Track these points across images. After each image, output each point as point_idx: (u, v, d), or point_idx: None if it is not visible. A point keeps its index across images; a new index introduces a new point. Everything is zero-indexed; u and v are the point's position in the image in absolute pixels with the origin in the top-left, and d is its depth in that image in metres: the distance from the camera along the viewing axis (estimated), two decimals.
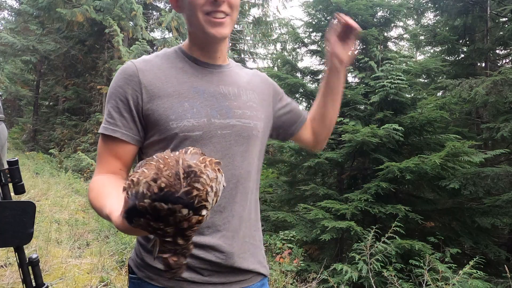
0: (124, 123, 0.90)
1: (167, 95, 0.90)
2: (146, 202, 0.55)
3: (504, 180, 5.14)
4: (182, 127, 0.88)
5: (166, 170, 0.58)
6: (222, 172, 0.66)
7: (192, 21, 0.92)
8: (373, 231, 4.31)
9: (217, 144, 0.91)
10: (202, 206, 0.59)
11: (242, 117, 0.95)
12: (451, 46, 7.86)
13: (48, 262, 3.33)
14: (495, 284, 4.41)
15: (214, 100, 0.93)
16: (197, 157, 0.65)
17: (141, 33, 10.64)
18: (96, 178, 0.91)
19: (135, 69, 0.91)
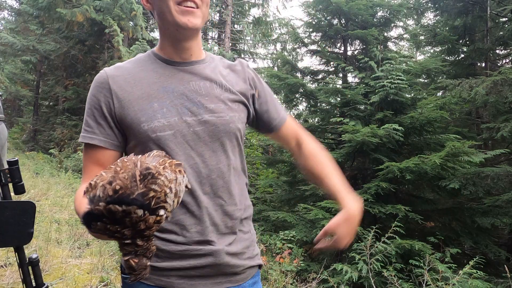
0: (101, 130, 0.91)
1: (137, 98, 0.91)
2: (101, 205, 0.56)
3: (504, 180, 5.14)
4: (153, 127, 0.88)
5: (123, 172, 0.59)
6: (184, 173, 0.67)
7: (163, 14, 0.91)
8: (373, 231, 4.31)
9: (191, 141, 0.91)
10: (160, 206, 0.59)
11: (215, 111, 0.94)
12: (451, 46, 7.86)
13: (48, 262, 3.33)
14: (495, 284, 4.41)
15: (185, 97, 0.93)
16: (158, 159, 0.66)
17: (141, 33, 10.64)
18: (81, 188, 0.89)
19: (105, 76, 0.93)
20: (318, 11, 7.56)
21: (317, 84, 8.07)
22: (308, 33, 8.09)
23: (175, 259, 0.91)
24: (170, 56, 0.97)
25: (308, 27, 7.93)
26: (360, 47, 7.79)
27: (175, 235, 0.91)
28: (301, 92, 7.28)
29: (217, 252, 0.92)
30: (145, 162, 0.62)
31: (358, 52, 7.53)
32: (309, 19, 7.82)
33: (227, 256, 0.94)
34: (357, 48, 7.88)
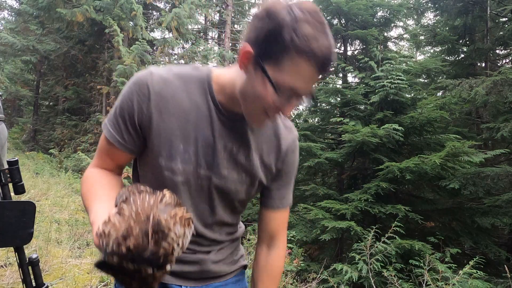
0: (126, 135, 0.89)
1: (168, 130, 0.87)
2: (115, 260, 0.59)
3: (504, 180, 5.14)
4: (168, 167, 0.88)
5: (136, 227, 0.61)
6: (191, 226, 0.69)
7: (248, 102, 0.82)
8: (373, 231, 4.31)
9: (194, 192, 0.92)
10: (168, 261, 0.63)
11: (225, 178, 0.92)
12: (451, 46, 7.86)
13: (48, 262, 3.33)
14: (495, 284, 4.41)
15: (210, 150, 0.89)
16: (169, 210, 0.67)
17: (141, 33, 10.64)
18: (90, 171, 0.94)
19: (149, 89, 0.85)
20: None
21: (317, 84, 8.07)
22: None
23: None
24: (223, 100, 0.89)
25: None
26: (360, 47, 7.79)
27: None
28: None
29: (203, 260, 0.98)
30: (157, 215, 0.63)
31: (358, 52, 7.54)
32: None
33: (211, 264, 1.00)
34: (357, 48, 7.88)
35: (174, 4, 12.07)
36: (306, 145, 6.09)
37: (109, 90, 10.84)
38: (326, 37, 0.74)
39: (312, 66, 0.74)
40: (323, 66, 0.75)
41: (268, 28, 0.74)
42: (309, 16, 0.73)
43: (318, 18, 0.74)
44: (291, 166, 1.02)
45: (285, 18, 0.72)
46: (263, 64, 0.76)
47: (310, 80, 0.77)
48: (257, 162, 0.95)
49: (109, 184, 0.90)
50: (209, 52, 12.49)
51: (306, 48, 0.71)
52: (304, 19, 0.72)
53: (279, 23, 0.72)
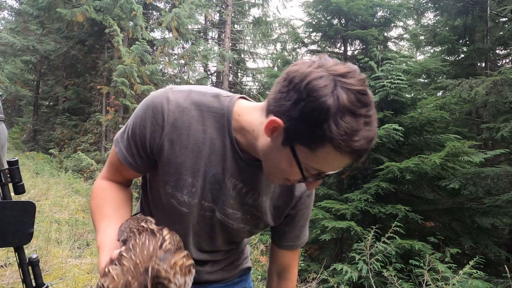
0: (137, 157, 0.87)
1: (178, 162, 0.84)
2: None
3: (504, 180, 5.14)
4: (175, 196, 0.86)
5: (135, 282, 0.61)
6: (192, 273, 0.68)
7: (269, 166, 0.79)
8: (373, 231, 4.31)
9: (196, 225, 0.91)
10: None
11: (228, 216, 0.90)
12: (451, 46, 7.86)
13: (48, 262, 3.33)
14: (495, 284, 4.41)
15: (217, 187, 0.86)
16: (169, 258, 0.65)
17: (141, 33, 10.64)
18: (100, 184, 0.94)
19: (164, 118, 0.81)
20: (318, 11, 7.56)
21: None
22: (308, 33, 8.10)
23: None
24: (241, 140, 0.84)
25: (308, 27, 7.94)
26: (360, 47, 7.80)
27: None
28: None
29: (198, 272, 0.95)
30: (155, 267, 0.62)
31: (358, 52, 7.54)
32: (309, 19, 7.82)
33: (206, 274, 1.00)
34: (357, 48, 7.89)
35: (174, 4, 12.06)
36: None
37: (109, 90, 10.83)
38: (370, 127, 0.68)
39: (348, 158, 0.70)
40: (359, 157, 0.70)
41: (306, 109, 0.66)
42: (355, 101, 0.65)
43: (364, 101, 0.66)
44: (306, 209, 0.97)
45: (328, 104, 0.64)
46: (294, 143, 0.70)
47: (341, 167, 0.74)
48: (266, 205, 0.91)
49: (117, 201, 0.91)
50: (209, 52, 12.48)
51: (345, 147, 0.66)
52: (349, 107, 0.64)
53: (320, 109, 0.64)
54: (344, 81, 0.65)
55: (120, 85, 9.99)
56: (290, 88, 0.69)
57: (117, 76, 9.99)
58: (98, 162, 10.28)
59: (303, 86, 0.66)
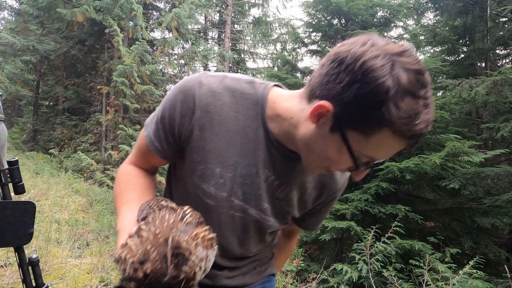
0: (164, 143, 0.84)
1: (207, 149, 0.79)
2: (132, 286, 0.55)
3: (504, 180, 5.14)
4: (201, 187, 0.81)
5: (154, 251, 0.57)
6: (214, 247, 0.64)
7: (312, 156, 0.73)
8: (373, 231, 4.31)
9: (223, 223, 0.85)
10: (189, 286, 0.58)
11: (263, 210, 0.84)
12: (451, 46, 7.86)
13: (48, 262, 3.33)
14: (495, 284, 4.41)
15: (249, 181, 0.80)
16: (191, 229, 0.61)
17: (141, 33, 10.64)
18: (126, 169, 0.91)
19: (195, 102, 0.77)
20: (318, 11, 7.56)
21: None
22: (308, 33, 8.09)
23: None
24: (275, 130, 0.78)
25: (308, 27, 7.94)
26: None
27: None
28: None
29: (215, 276, 0.92)
30: (176, 238, 0.58)
31: None
32: (309, 19, 7.82)
33: (225, 279, 0.94)
34: None
35: (174, 4, 12.06)
36: None
37: (109, 90, 10.83)
38: (429, 109, 0.62)
39: (405, 143, 0.65)
40: (416, 142, 0.65)
41: (361, 92, 0.60)
42: (415, 82, 0.60)
43: (423, 81, 0.61)
44: (332, 202, 0.96)
45: (386, 86, 0.59)
46: (345, 129, 0.65)
47: (395, 153, 0.68)
48: (295, 199, 0.87)
49: (141, 187, 0.87)
50: (209, 52, 12.49)
51: (405, 131, 0.61)
52: (409, 89, 0.60)
53: (378, 90, 0.59)
54: (402, 60, 0.61)
55: (120, 85, 10.00)
56: (341, 70, 0.63)
57: (117, 76, 9.99)
58: (98, 162, 10.28)
59: (357, 66, 0.61)
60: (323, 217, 1.01)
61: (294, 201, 0.87)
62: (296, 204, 0.88)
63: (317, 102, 0.66)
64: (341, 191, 0.95)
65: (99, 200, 6.56)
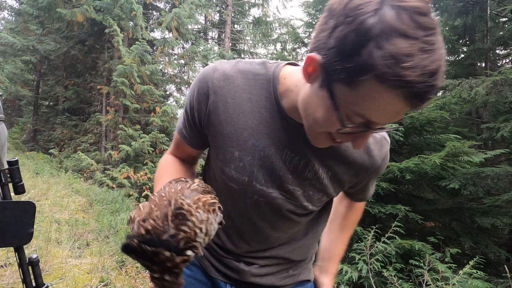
0: (189, 130, 0.87)
1: (224, 132, 0.79)
2: (135, 242, 0.58)
3: (504, 180, 5.14)
4: (224, 171, 0.82)
5: (157, 211, 0.62)
6: (217, 212, 0.66)
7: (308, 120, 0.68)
8: (373, 231, 4.31)
9: (249, 206, 0.84)
10: (189, 247, 0.61)
11: (289, 193, 0.81)
12: (451, 46, 7.86)
13: (48, 262, 3.33)
14: (495, 284, 4.41)
15: (269, 163, 0.78)
16: (194, 195, 0.65)
17: (141, 33, 10.65)
18: (166, 158, 0.96)
19: (209, 87, 0.79)
20: (318, 11, 7.57)
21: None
22: (308, 33, 8.10)
23: (212, 255, 0.97)
24: (288, 106, 0.76)
25: (308, 27, 7.95)
26: None
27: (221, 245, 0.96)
28: None
29: (242, 271, 0.93)
30: (179, 200, 0.63)
31: None
32: (309, 19, 7.83)
33: (251, 276, 0.93)
34: None
35: (174, 4, 12.06)
36: None
37: (109, 90, 10.83)
38: (429, 56, 0.51)
39: (400, 98, 0.53)
40: (418, 97, 0.53)
41: (343, 34, 0.54)
42: (409, 21, 0.51)
43: (422, 22, 0.51)
44: (374, 178, 0.91)
45: (369, 24, 0.51)
46: (332, 82, 0.58)
47: (395, 114, 0.57)
48: (327, 178, 0.81)
49: (177, 172, 0.90)
50: (209, 52, 12.49)
51: (392, 75, 0.51)
52: (398, 28, 0.50)
53: (359, 31, 0.52)
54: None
55: (120, 85, 10.00)
56: (329, 16, 0.57)
57: (117, 76, 10.00)
58: (98, 162, 10.28)
59: (342, 7, 0.55)
60: (369, 189, 0.96)
61: (325, 180, 0.81)
62: (329, 182, 0.82)
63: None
64: (382, 168, 0.86)
65: (99, 200, 6.56)
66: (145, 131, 10.80)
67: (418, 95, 0.53)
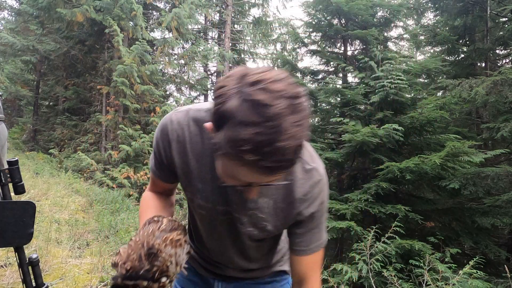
0: (160, 169, 1.00)
1: (187, 171, 0.94)
2: (119, 281, 0.75)
3: (504, 180, 5.14)
4: (193, 200, 0.97)
5: (133, 253, 0.77)
6: (183, 246, 0.83)
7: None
8: (373, 231, 4.31)
9: (219, 226, 0.98)
10: (163, 276, 0.77)
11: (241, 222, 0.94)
12: (451, 46, 7.86)
13: (48, 262, 3.33)
14: (495, 284, 4.41)
15: (224, 190, 0.91)
16: (163, 235, 0.81)
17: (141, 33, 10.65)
18: (146, 194, 1.10)
19: (169, 137, 0.93)
20: (318, 11, 7.56)
21: (317, 84, 8.07)
22: (308, 33, 8.10)
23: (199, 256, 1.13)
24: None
25: (308, 27, 7.94)
26: (360, 47, 7.80)
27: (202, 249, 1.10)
28: None
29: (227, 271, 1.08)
30: (150, 242, 0.79)
31: (358, 52, 7.54)
32: (309, 19, 7.82)
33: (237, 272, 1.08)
34: (357, 48, 7.89)
35: (174, 4, 12.06)
36: None
37: (109, 90, 10.84)
38: (269, 137, 0.61)
39: (248, 171, 0.66)
40: (264, 173, 0.65)
41: (212, 115, 0.68)
42: (249, 111, 0.62)
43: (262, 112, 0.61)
44: (314, 213, 0.93)
45: (225, 110, 0.64)
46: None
47: (258, 179, 0.69)
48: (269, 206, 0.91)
49: (156, 206, 1.05)
50: (209, 52, 12.49)
51: (234, 157, 0.65)
52: (239, 117, 0.62)
53: (218, 116, 0.66)
54: (247, 90, 0.63)
55: (120, 85, 10.00)
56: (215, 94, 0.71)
57: (117, 76, 10.00)
58: (98, 162, 10.28)
59: (216, 89, 0.68)
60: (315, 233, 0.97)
61: (268, 209, 0.91)
62: (275, 211, 0.91)
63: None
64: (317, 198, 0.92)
65: (99, 200, 6.56)
66: (145, 131, 10.80)
67: (262, 171, 0.65)
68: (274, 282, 1.11)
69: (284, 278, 1.12)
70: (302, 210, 0.92)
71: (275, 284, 1.11)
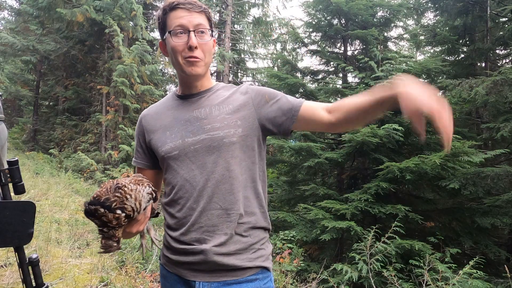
0: (139, 156, 1.26)
1: (157, 130, 1.20)
2: (86, 205, 0.94)
3: (504, 180, 5.13)
4: (165, 150, 1.15)
5: (103, 188, 0.97)
6: (145, 185, 1.03)
7: (174, 64, 1.16)
8: (373, 231, 4.31)
9: (192, 157, 1.12)
10: (119, 207, 0.93)
11: (211, 130, 1.12)
12: (451, 46, 7.85)
13: (48, 262, 3.33)
14: (495, 284, 4.41)
15: (188, 123, 1.15)
16: (128, 178, 1.03)
17: (141, 33, 10.65)
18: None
19: (141, 117, 1.27)
20: (318, 11, 7.56)
21: (317, 84, 8.07)
22: (308, 33, 8.09)
23: (180, 254, 1.13)
24: (183, 92, 1.22)
25: (308, 27, 7.93)
26: (360, 47, 7.79)
27: (182, 235, 1.12)
28: (301, 92, 7.28)
29: (205, 251, 1.07)
30: (118, 180, 0.99)
31: (358, 52, 7.53)
32: (309, 19, 7.82)
33: (215, 255, 1.07)
34: (357, 48, 7.88)
35: None
36: (306, 145, 6.09)
37: (109, 90, 10.83)
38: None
39: (170, 11, 1.13)
40: (175, 5, 1.12)
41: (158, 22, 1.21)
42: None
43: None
44: (259, 96, 1.18)
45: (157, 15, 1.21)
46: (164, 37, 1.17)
47: (181, 18, 1.11)
48: (226, 107, 1.15)
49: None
50: None
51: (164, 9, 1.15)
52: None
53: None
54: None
55: (120, 85, 10.00)
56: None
57: (117, 76, 10.00)
58: (98, 162, 10.28)
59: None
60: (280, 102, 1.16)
61: (220, 115, 1.14)
62: (223, 115, 1.14)
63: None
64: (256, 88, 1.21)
65: None
66: None
67: (184, 8, 1.12)
68: (257, 281, 1.11)
69: (266, 275, 1.14)
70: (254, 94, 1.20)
71: (258, 282, 1.11)
